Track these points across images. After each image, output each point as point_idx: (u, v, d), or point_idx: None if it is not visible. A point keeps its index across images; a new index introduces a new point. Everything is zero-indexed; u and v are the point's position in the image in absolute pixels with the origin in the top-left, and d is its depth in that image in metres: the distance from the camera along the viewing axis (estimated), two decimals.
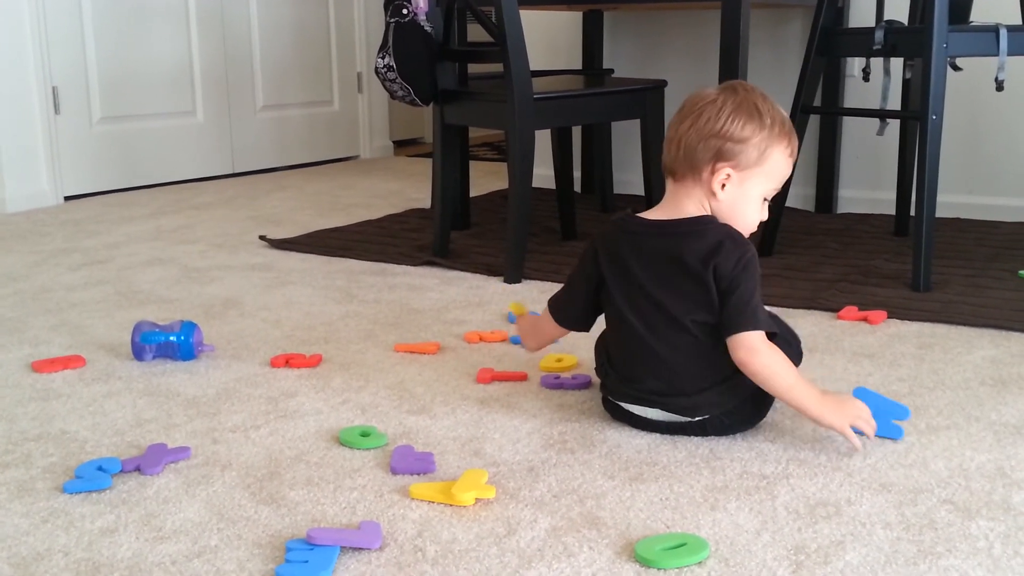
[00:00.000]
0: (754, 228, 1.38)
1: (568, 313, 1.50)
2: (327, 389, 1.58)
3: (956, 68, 2.35)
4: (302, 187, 3.69)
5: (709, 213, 1.36)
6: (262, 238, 2.70)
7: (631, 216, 1.41)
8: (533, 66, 2.30)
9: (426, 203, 3.20)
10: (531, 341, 1.58)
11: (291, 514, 1.17)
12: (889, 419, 1.36)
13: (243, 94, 3.99)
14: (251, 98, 4.02)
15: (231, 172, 3.97)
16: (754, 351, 1.30)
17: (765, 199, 1.38)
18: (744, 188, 1.35)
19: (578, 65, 3.37)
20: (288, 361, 1.70)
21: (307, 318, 1.98)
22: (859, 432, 1.32)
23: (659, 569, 1.04)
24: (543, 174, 3.15)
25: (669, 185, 1.39)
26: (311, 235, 2.74)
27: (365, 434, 1.38)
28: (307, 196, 3.48)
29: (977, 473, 1.25)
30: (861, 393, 1.40)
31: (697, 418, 1.36)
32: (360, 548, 1.08)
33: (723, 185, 1.34)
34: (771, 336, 1.33)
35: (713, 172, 1.33)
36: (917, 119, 2.17)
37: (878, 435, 1.34)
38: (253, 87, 4.03)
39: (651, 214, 1.40)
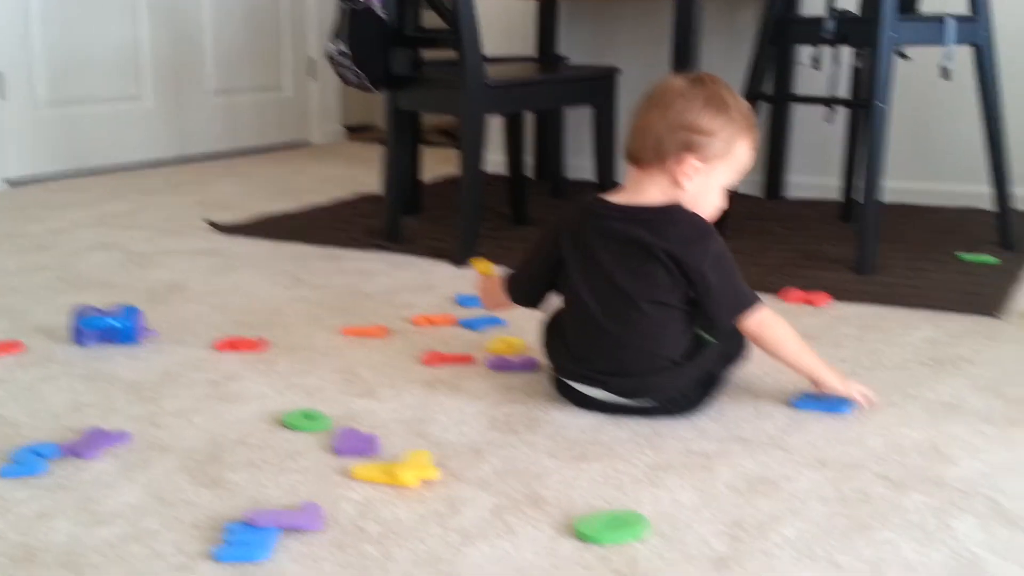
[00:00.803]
0: (715, 215, 1.41)
1: (522, 290, 1.52)
2: (272, 373, 1.57)
3: (904, 57, 2.38)
4: (252, 172, 3.65)
5: (674, 200, 1.37)
6: (210, 223, 2.67)
7: (597, 198, 1.42)
8: (487, 52, 2.29)
9: (377, 189, 3.18)
10: (488, 302, 1.61)
11: (232, 497, 1.16)
12: (835, 407, 1.40)
13: (193, 78, 3.93)
14: (201, 82, 3.97)
15: (180, 157, 3.91)
16: (764, 325, 1.38)
17: (726, 188, 1.41)
18: (709, 179, 1.37)
19: (532, 52, 3.36)
20: (233, 345, 1.68)
21: (254, 302, 1.96)
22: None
23: (599, 545, 1.05)
24: (495, 160, 3.15)
25: (632, 172, 1.40)
26: (260, 220, 2.72)
27: (309, 417, 1.38)
28: (257, 181, 3.45)
29: (912, 450, 1.28)
30: (804, 403, 1.42)
31: (642, 402, 1.37)
32: (301, 529, 1.08)
33: (689, 176, 1.36)
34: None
35: (680, 163, 1.35)
36: (865, 107, 2.20)
37: (829, 410, 1.39)
38: (203, 71, 3.97)
39: (616, 198, 1.41)
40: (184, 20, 3.87)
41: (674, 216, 1.35)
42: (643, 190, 1.38)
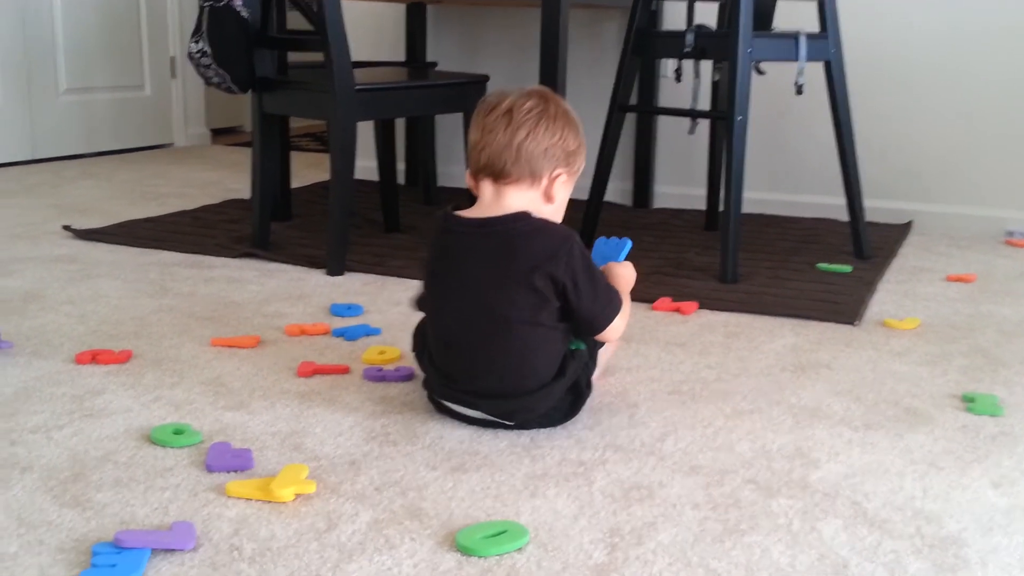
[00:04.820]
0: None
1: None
2: (138, 386, 1.52)
3: (760, 72, 2.47)
4: (111, 175, 3.51)
5: (524, 209, 1.38)
6: (66, 228, 2.55)
7: (453, 216, 1.41)
8: (356, 57, 2.27)
9: (246, 194, 3.12)
10: None
11: (97, 517, 1.12)
12: (617, 250, 1.51)
13: (44, 76, 3.76)
14: (53, 80, 3.80)
15: (32, 159, 3.74)
16: (615, 331, 1.41)
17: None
18: (567, 191, 1.44)
19: (402, 58, 3.35)
20: (95, 357, 1.61)
21: (116, 312, 1.89)
22: None
23: (480, 557, 1.05)
24: (367, 166, 3.13)
25: (490, 186, 1.39)
26: (121, 225, 2.62)
27: (179, 432, 1.34)
28: (116, 185, 3.32)
29: (778, 454, 1.33)
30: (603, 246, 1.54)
31: (515, 421, 1.38)
32: (172, 549, 1.04)
33: (559, 190, 1.41)
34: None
35: (553, 179, 1.40)
36: (724, 119, 2.27)
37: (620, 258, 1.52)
38: (56, 69, 3.80)
39: (472, 213, 1.41)
40: (33, 14, 3.70)
41: (532, 226, 1.36)
42: (506, 203, 1.39)
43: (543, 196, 1.40)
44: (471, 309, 1.36)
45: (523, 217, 1.37)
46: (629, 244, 1.53)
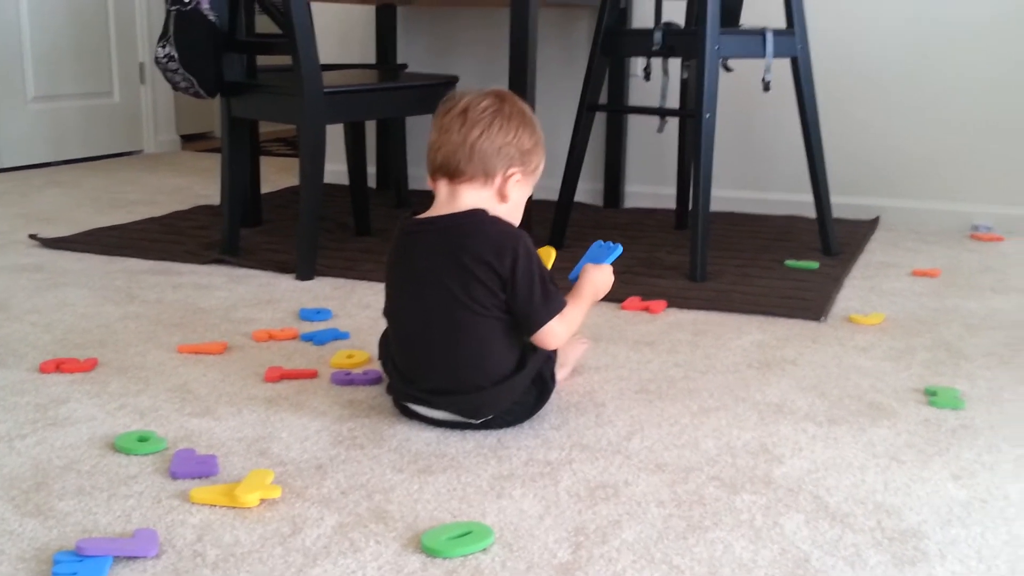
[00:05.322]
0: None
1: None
2: (102, 394, 1.51)
3: (728, 69, 2.49)
4: (79, 183, 3.49)
5: (478, 206, 1.39)
6: (32, 237, 2.53)
7: (410, 218, 1.43)
8: (325, 59, 2.27)
9: (215, 199, 3.10)
10: None
11: (60, 526, 1.11)
12: (606, 254, 1.50)
13: (11, 83, 3.73)
14: (20, 88, 3.77)
15: None
16: (552, 336, 1.39)
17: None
18: (523, 191, 1.44)
19: (372, 60, 3.35)
20: (59, 366, 1.60)
21: (82, 320, 1.87)
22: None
23: (444, 558, 1.05)
24: (337, 169, 3.12)
25: (446, 185, 1.40)
26: (88, 233, 2.60)
27: (143, 439, 1.33)
28: (84, 192, 3.30)
29: (743, 450, 1.34)
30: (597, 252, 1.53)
31: (479, 420, 1.38)
32: (135, 557, 1.04)
33: (513, 189, 1.41)
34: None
35: (507, 178, 1.40)
36: (693, 117, 2.28)
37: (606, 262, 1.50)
38: (23, 76, 3.77)
39: (427, 213, 1.42)
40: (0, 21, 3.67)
41: (481, 223, 1.37)
42: (458, 202, 1.40)
43: (497, 195, 1.40)
44: (425, 304, 1.38)
45: (475, 213, 1.38)
46: (619, 250, 1.52)
